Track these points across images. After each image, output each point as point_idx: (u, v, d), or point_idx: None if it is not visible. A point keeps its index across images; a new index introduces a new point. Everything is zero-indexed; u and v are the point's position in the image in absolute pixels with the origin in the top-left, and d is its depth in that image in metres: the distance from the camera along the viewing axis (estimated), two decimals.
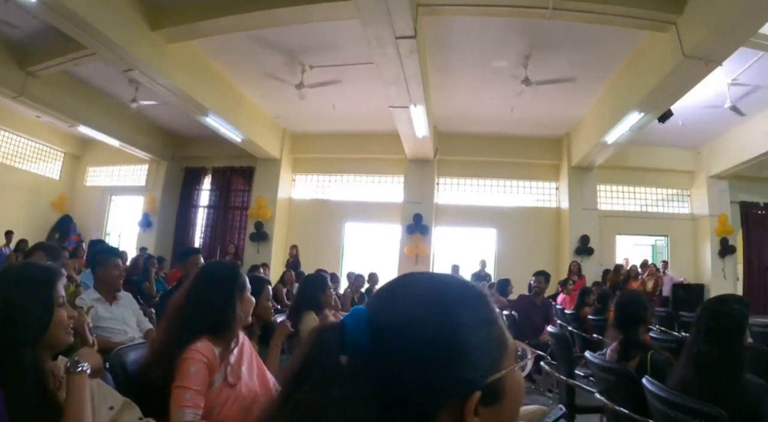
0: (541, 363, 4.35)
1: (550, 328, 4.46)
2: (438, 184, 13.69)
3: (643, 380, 2.29)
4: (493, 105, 10.97)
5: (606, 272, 12.07)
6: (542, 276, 7.38)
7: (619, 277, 11.75)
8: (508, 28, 7.91)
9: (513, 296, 9.09)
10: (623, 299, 3.41)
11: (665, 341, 4.34)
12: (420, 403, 0.65)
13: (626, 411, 2.58)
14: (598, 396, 2.99)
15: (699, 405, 1.93)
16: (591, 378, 3.75)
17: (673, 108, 9.55)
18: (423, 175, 13.16)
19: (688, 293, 12.45)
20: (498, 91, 10.09)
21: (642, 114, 9.02)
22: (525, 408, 2.93)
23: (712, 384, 2.07)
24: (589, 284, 10.75)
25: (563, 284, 10.06)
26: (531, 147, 13.37)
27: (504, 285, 9.25)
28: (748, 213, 14.17)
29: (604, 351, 3.45)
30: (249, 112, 11.75)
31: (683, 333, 6.62)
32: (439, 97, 10.42)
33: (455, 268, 12.06)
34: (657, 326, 6.59)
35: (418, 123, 9.85)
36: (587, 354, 3.19)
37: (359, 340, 0.68)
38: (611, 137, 10.29)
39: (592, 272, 12.13)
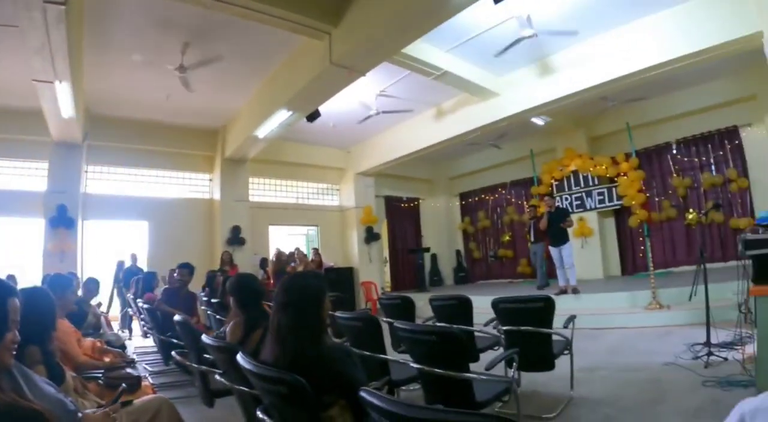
0: (172, 352, 4.41)
1: (176, 317, 4.43)
2: (87, 171, 12.16)
3: (237, 356, 2.34)
4: (149, 90, 10.40)
5: (264, 260, 12.68)
6: (186, 269, 7.29)
7: (281, 264, 12.44)
8: (170, 12, 7.59)
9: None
10: (236, 283, 3.61)
11: None
12: None
13: (245, 389, 2.64)
14: (218, 377, 3.13)
15: (278, 374, 2.04)
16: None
17: (328, 111, 10.47)
18: (70, 161, 11.45)
19: (339, 275, 13.88)
20: (155, 77, 9.59)
21: (290, 112, 9.71)
22: (144, 398, 3.00)
23: (293, 353, 2.19)
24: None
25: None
26: (187, 137, 13.05)
27: (150, 279, 8.88)
28: (392, 205, 16.47)
29: (222, 330, 3.61)
30: None
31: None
32: (93, 76, 9.53)
33: (120, 265, 11.54)
34: None
35: (63, 101, 8.78)
36: (204, 337, 3.24)
37: None
38: (262, 132, 10.81)
39: (245, 261, 12.56)
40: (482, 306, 5.50)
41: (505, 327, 4.50)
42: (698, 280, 5.72)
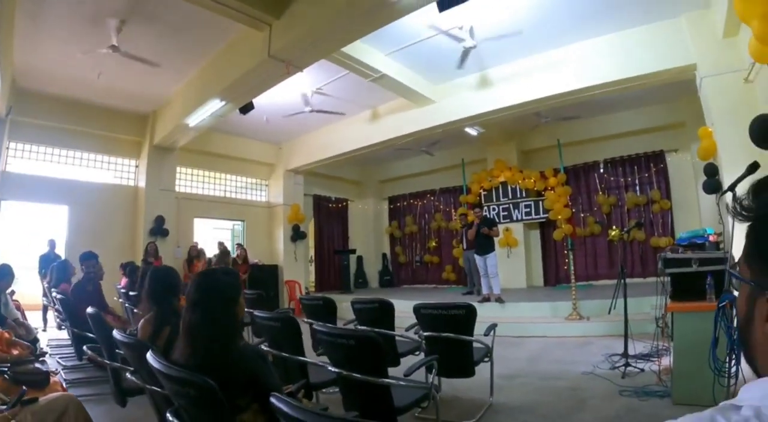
0: (84, 347, 4.15)
1: (89, 310, 4.16)
2: (8, 148, 11.17)
3: (147, 355, 2.19)
4: (80, 67, 9.69)
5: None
6: (92, 259, 6.69)
7: (190, 257, 12.06)
8: None
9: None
10: (153, 274, 3.44)
11: None
12: None
13: (157, 389, 2.50)
14: (129, 376, 2.97)
15: (187, 375, 1.93)
16: None
17: (262, 105, 10.30)
18: None
19: (263, 273, 13.62)
20: (87, 53, 8.80)
21: (223, 102, 9.43)
22: (50, 396, 2.82)
23: (204, 353, 2.09)
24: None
25: (124, 267, 9.62)
26: (116, 120, 12.27)
27: (64, 269, 7.87)
28: (321, 204, 16.38)
29: (136, 326, 3.43)
30: None
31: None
32: (24, 47, 8.89)
33: (48, 259, 10.39)
34: None
35: None
36: (114, 333, 3.05)
37: None
38: (193, 120, 10.42)
39: (169, 253, 12.14)
40: (406, 310, 5.45)
41: (426, 333, 4.46)
42: (618, 294, 5.83)
